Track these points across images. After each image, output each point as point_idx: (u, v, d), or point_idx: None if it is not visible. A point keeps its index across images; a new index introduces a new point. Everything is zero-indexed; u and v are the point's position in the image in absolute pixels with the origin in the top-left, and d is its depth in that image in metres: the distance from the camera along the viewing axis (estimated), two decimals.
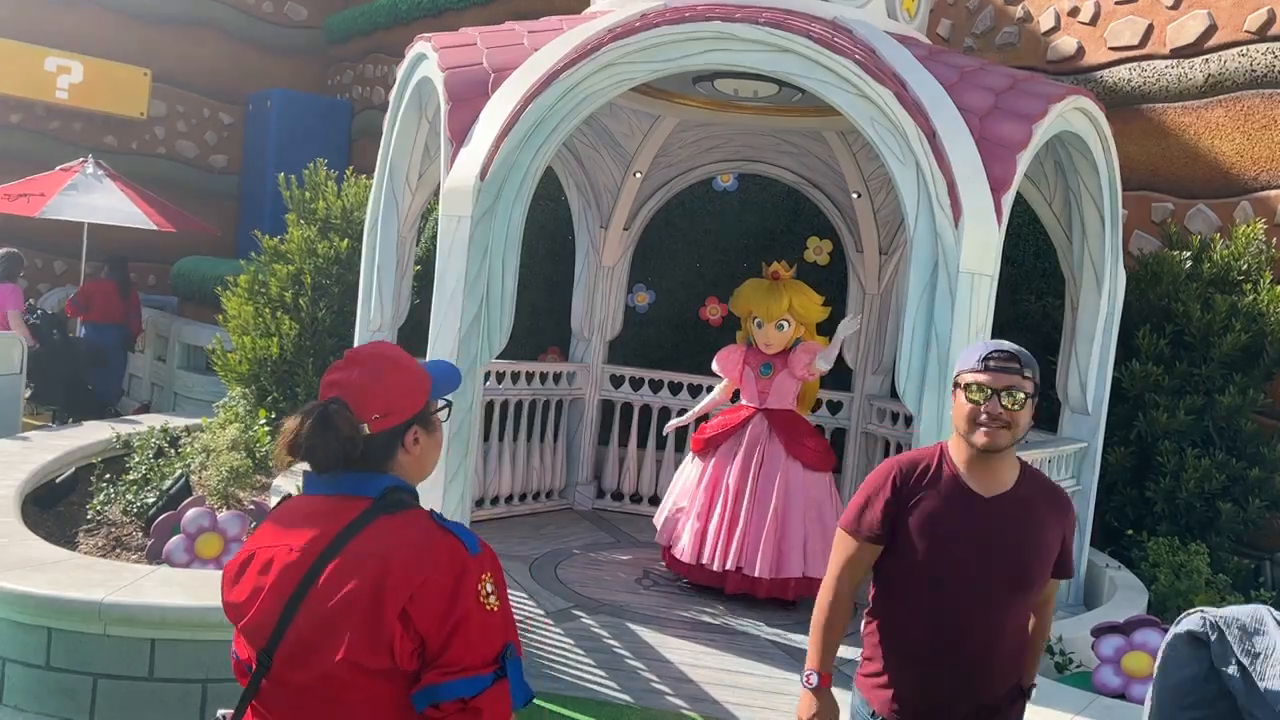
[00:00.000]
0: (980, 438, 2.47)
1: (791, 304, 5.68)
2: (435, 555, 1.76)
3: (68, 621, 3.65)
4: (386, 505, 1.81)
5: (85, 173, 9.82)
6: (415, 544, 1.76)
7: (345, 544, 1.76)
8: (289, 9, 15.01)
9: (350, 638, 1.70)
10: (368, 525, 1.78)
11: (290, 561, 1.78)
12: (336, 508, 1.82)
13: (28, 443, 6.11)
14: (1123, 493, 6.22)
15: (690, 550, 5.62)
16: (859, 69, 4.39)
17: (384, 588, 1.71)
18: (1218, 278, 6.32)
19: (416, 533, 1.78)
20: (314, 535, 1.79)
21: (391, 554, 1.74)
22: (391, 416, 1.86)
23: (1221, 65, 6.94)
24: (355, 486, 1.84)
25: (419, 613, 1.71)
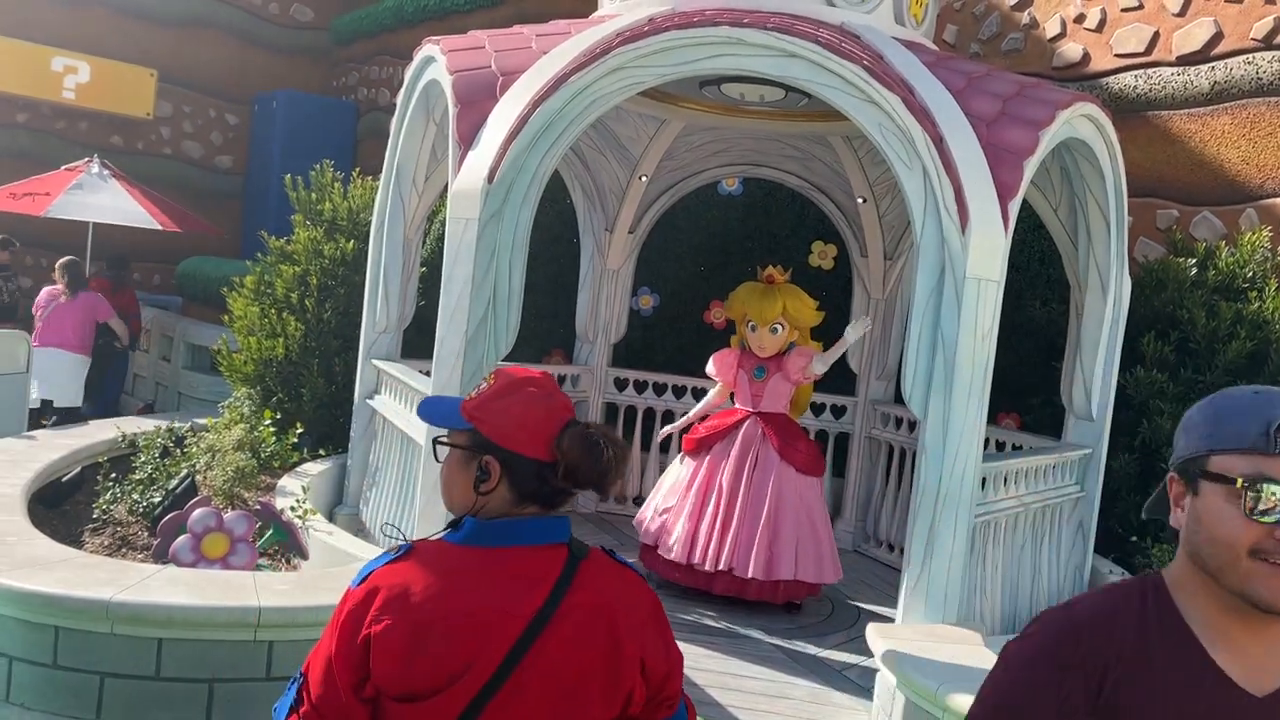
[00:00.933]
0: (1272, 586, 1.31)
1: (786, 308, 5.68)
2: (640, 596, 1.75)
3: (75, 620, 3.65)
4: (579, 551, 1.73)
5: (90, 172, 9.85)
6: (623, 587, 1.73)
7: (561, 599, 1.65)
8: (295, 10, 15.04)
9: (595, 696, 1.65)
10: (575, 576, 1.68)
11: (496, 625, 1.61)
12: (528, 559, 1.69)
13: (34, 441, 6.13)
14: (1127, 499, 6.22)
15: (681, 551, 5.57)
16: (866, 74, 4.40)
17: (619, 639, 1.67)
18: (1223, 285, 6.32)
19: (617, 575, 1.75)
20: (519, 593, 1.64)
21: (613, 603, 1.69)
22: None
23: (1227, 73, 6.95)
24: (542, 534, 1.72)
25: (649, 654, 1.72)
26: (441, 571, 1.66)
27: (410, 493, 5.13)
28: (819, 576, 5.56)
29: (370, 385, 6.08)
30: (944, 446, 4.29)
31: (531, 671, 1.60)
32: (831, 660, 5.10)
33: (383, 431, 5.86)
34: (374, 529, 5.69)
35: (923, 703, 3.67)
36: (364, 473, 6.08)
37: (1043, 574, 5.36)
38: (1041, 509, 5.26)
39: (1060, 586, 5.53)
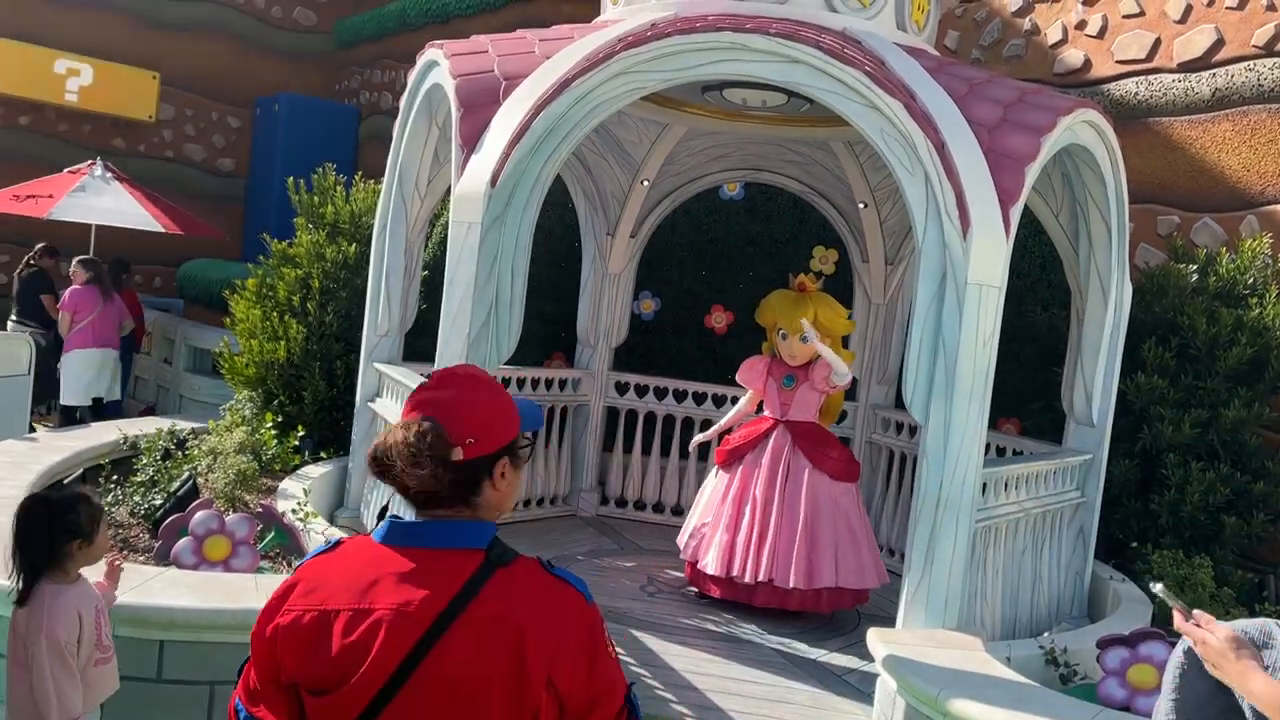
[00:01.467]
0: None
1: (817, 316, 5.65)
2: (564, 612, 1.64)
3: None
4: (499, 558, 1.65)
5: (94, 175, 9.86)
6: (546, 602, 1.63)
7: (464, 608, 1.59)
8: (298, 13, 15.07)
9: (493, 711, 1.57)
10: (486, 583, 1.61)
11: (395, 628, 1.58)
12: (438, 563, 1.64)
13: (36, 443, 6.14)
14: (1127, 505, 6.23)
15: (719, 564, 5.53)
16: (868, 80, 4.42)
17: (525, 656, 1.57)
18: (1223, 291, 6.33)
19: (542, 589, 1.65)
20: (422, 598, 1.59)
21: (525, 616, 1.60)
22: (485, 443, 1.69)
23: (1229, 80, 6.96)
24: (456, 538, 1.67)
25: (564, 679, 1.60)
26: (357, 568, 1.65)
27: None
28: (861, 582, 5.53)
29: (372, 388, 6.09)
30: (945, 452, 4.29)
31: (429, 676, 1.56)
32: (832, 665, 5.10)
33: None
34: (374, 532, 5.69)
35: (923, 707, 3.68)
36: (365, 476, 6.09)
37: (1043, 580, 5.36)
38: (1042, 515, 5.27)
39: (1060, 592, 5.53)
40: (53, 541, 2.55)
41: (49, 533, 2.59)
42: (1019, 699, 3.55)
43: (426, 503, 1.69)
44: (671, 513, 7.48)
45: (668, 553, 6.70)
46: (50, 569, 2.51)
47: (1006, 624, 5.07)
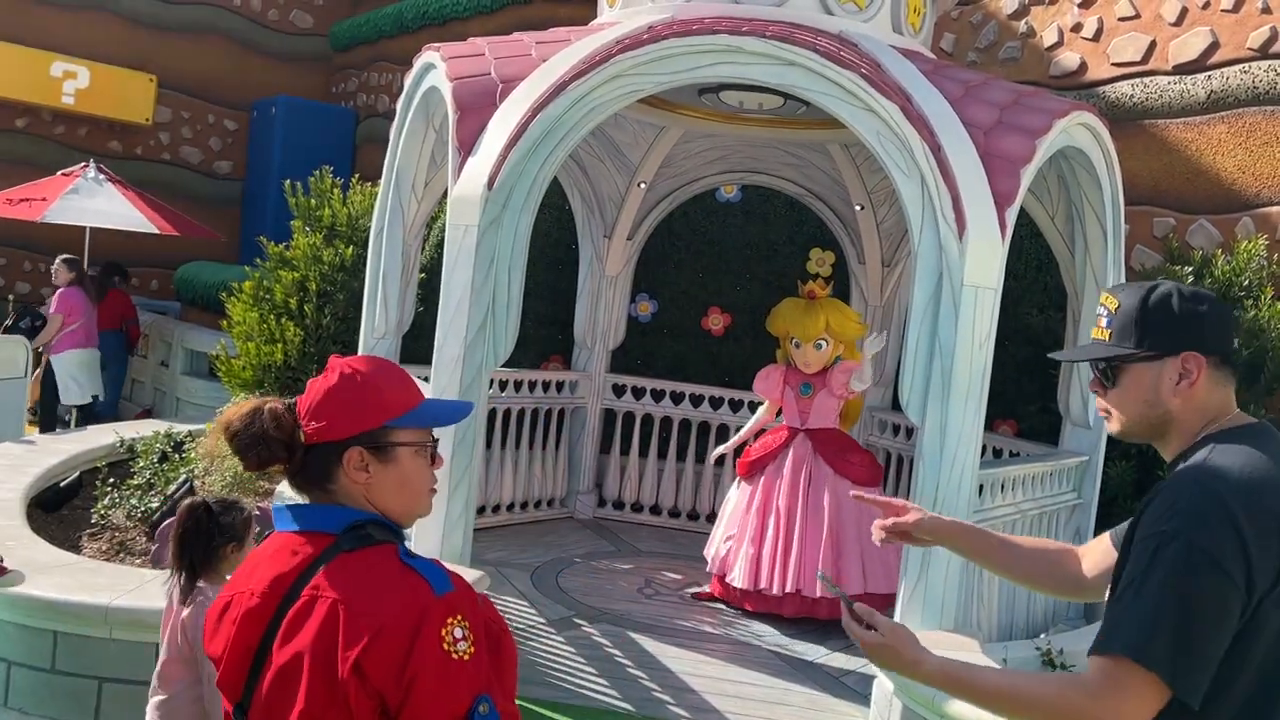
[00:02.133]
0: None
1: (829, 323, 5.63)
2: (391, 597, 1.52)
3: (74, 625, 3.66)
4: (348, 541, 1.60)
5: (87, 177, 9.85)
6: (370, 585, 1.54)
7: (303, 587, 1.56)
8: (294, 16, 15.07)
9: (306, 692, 1.50)
10: (326, 565, 1.57)
11: (252, 607, 1.59)
12: (300, 545, 1.62)
13: (33, 446, 6.13)
14: (1124, 506, 6.23)
15: (746, 576, 5.52)
16: (864, 83, 4.42)
17: (336, 636, 1.50)
18: (1219, 293, 6.34)
19: (373, 572, 1.56)
20: (275, 577, 1.59)
21: (345, 593, 1.53)
22: (327, 430, 1.66)
23: (1224, 82, 6.98)
24: (319, 521, 1.64)
25: (373, 665, 1.48)
26: (256, 554, 1.69)
27: None
28: (890, 586, 5.51)
29: None
30: (941, 453, 4.30)
31: (278, 663, 1.54)
32: (829, 666, 5.11)
33: None
34: None
35: (920, 709, 3.68)
36: None
37: None
38: (1039, 516, 5.27)
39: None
40: (210, 543, 2.70)
41: (208, 535, 2.73)
42: None
43: (293, 483, 1.70)
44: (669, 515, 7.49)
45: (665, 555, 6.71)
46: (205, 570, 2.66)
47: (1003, 626, 5.08)
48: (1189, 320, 1.77)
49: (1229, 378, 1.81)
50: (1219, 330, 1.80)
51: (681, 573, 6.39)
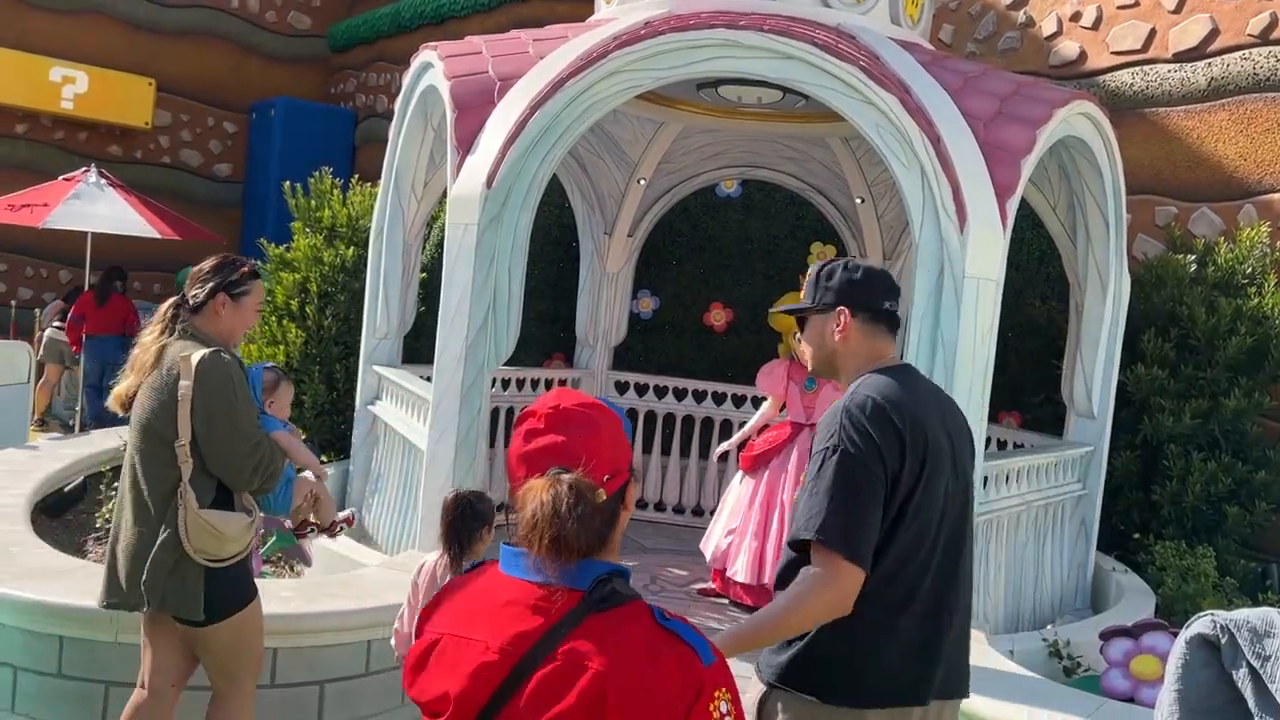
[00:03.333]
0: None
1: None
2: (664, 668, 1.44)
3: (79, 629, 3.65)
4: (600, 600, 1.48)
5: (88, 182, 9.82)
6: (639, 653, 1.44)
7: (554, 647, 1.45)
8: (292, 18, 15.06)
9: None
10: (579, 625, 1.46)
11: (486, 662, 1.47)
12: (541, 598, 1.50)
13: (36, 452, 6.12)
14: (1129, 496, 6.23)
15: (749, 571, 5.47)
16: (863, 75, 4.41)
17: (604, 707, 1.41)
18: (1222, 281, 6.32)
19: (640, 638, 1.46)
20: (516, 633, 1.48)
21: (611, 664, 1.42)
22: (620, 476, 1.56)
23: (1224, 69, 6.96)
24: (565, 574, 1.50)
25: None
26: (472, 594, 1.58)
27: (412, 498, 5.13)
28: None
29: (371, 391, 6.08)
30: None
31: (509, 711, 1.45)
32: None
33: (384, 438, 5.87)
34: (376, 535, 5.69)
35: None
36: (366, 479, 6.09)
37: (1045, 572, 5.35)
38: (1043, 507, 5.26)
39: (1063, 585, 5.53)
40: (472, 527, 3.20)
41: (471, 521, 3.21)
42: (1021, 692, 3.55)
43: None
44: (674, 511, 7.48)
45: (671, 551, 6.69)
46: (468, 550, 3.21)
47: (1009, 617, 5.07)
48: (843, 285, 2.40)
49: (881, 329, 2.42)
50: (866, 293, 2.40)
51: (687, 569, 6.38)
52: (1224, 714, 2.18)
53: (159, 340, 3.00)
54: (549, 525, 1.45)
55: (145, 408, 2.96)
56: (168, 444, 2.91)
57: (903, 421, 2.23)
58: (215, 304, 3.05)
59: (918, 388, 2.37)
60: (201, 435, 2.91)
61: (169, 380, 2.92)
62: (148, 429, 2.95)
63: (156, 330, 3.02)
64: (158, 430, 2.93)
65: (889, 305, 2.41)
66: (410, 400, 5.34)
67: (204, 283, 3.04)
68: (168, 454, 2.91)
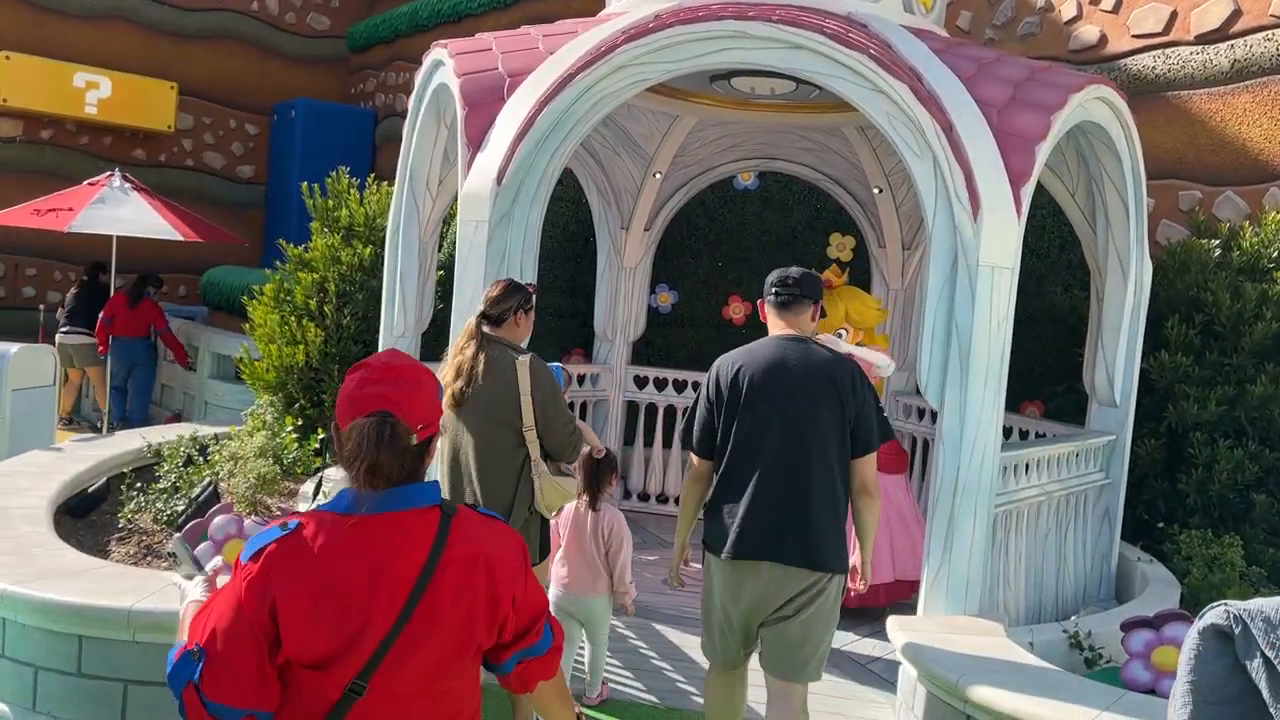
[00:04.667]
0: None
1: (848, 312, 5.57)
2: (509, 543, 1.97)
3: (98, 629, 3.69)
4: (449, 510, 1.93)
5: (112, 186, 9.91)
6: (496, 538, 1.95)
7: (442, 553, 1.85)
8: (311, 19, 15.14)
9: (478, 630, 1.88)
10: (450, 532, 1.89)
11: (386, 583, 1.80)
12: (407, 523, 1.86)
13: (60, 453, 6.19)
14: (1154, 485, 6.15)
15: None
16: (873, 63, 4.37)
17: (496, 581, 1.89)
18: (1247, 266, 6.22)
19: (488, 528, 1.96)
20: (404, 553, 1.83)
21: (489, 551, 1.91)
22: (431, 426, 1.94)
23: (1247, 50, 6.84)
24: (414, 499, 1.90)
25: (519, 593, 1.94)
26: (331, 541, 1.82)
27: None
28: (919, 572, 5.47)
29: None
30: (961, 436, 4.25)
31: (422, 621, 1.81)
32: (856, 654, 5.07)
33: None
34: None
35: (943, 695, 3.64)
36: None
37: (1068, 563, 5.30)
38: (1065, 497, 5.20)
39: (1087, 575, 5.46)
40: (605, 476, 4.25)
41: (606, 469, 4.22)
42: (1040, 684, 3.51)
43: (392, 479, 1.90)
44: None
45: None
46: (599, 494, 4.27)
47: (1031, 609, 5.01)
48: (817, 284, 3.56)
49: (780, 311, 3.52)
50: (767, 286, 3.54)
51: None
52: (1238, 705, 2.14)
53: (476, 349, 3.68)
54: (369, 454, 1.83)
55: (492, 403, 3.64)
56: (514, 429, 3.64)
57: (721, 372, 3.38)
58: (515, 318, 3.79)
59: (752, 349, 3.39)
60: (540, 420, 3.65)
61: (508, 379, 3.64)
62: (495, 418, 3.65)
63: (473, 343, 3.70)
64: (506, 419, 3.64)
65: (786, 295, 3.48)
66: None
67: (503, 302, 3.77)
68: (514, 437, 3.64)
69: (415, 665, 1.81)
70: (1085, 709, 3.32)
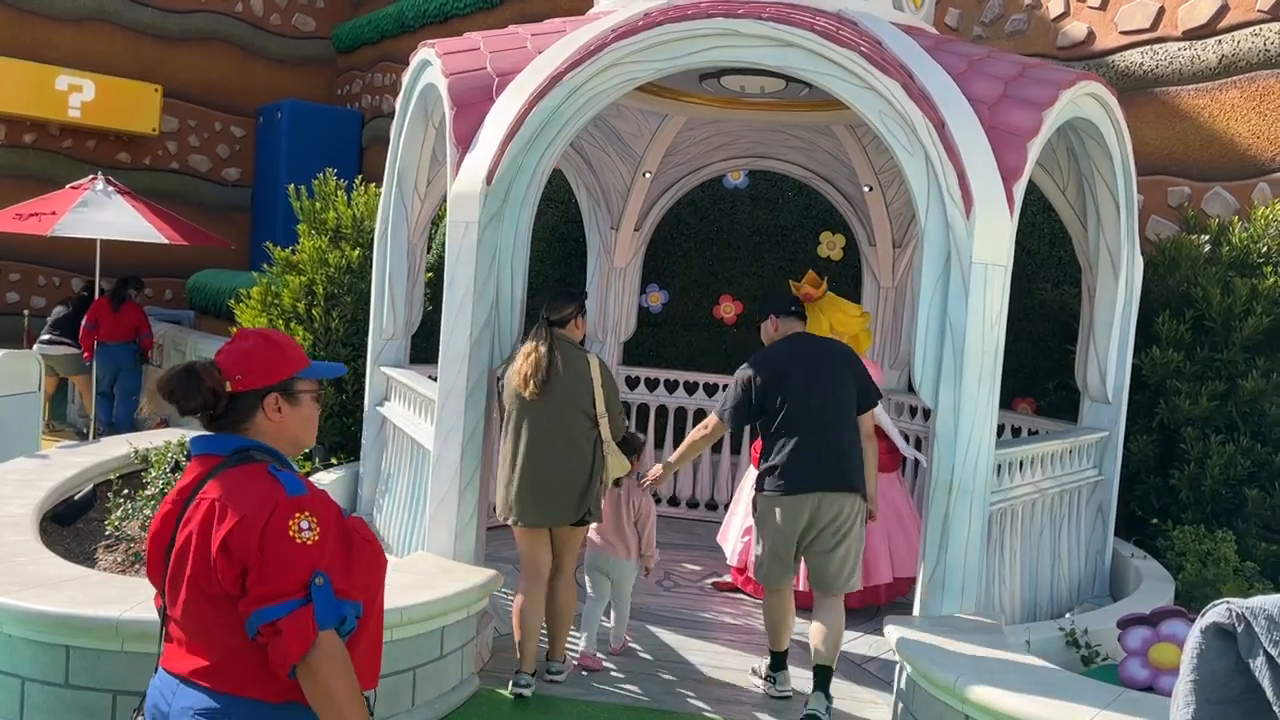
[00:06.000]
0: None
1: (832, 325, 5.55)
2: (252, 495, 2.02)
3: (85, 639, 3.63)
4: (233, 459, 2.09)
5: (95, 189, 9.81)
6: (244, 487, 2.04)
7: (195, 494, 2.07)
8: (297, 20, 15.06)
9: (191, 569, 2.01)
10: (215, 477, 2.07)
11: (164, 513, 2.11)
12: (198, 465, 2.13)
13: (47, 460, 6.12)
14: (1147, 481, 6.14)
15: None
16: (864, 61, 4.34)
17: (210, 524, 2.00)
18: (1237, 261, 6.22)
19: (248, 479, 2.05)
20: (182, 487, 2.11)
21: (224, 496, 2.02)
22: (250, 379, 2.13)
23: (1235, 46, 6.85)
24: (215, 446, 2.13)
25: (237, 545, 1.97)
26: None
27: (422, 499, 5.10)
28: (916, 569, 5.49)
29: (380, 393, 6.06)
30: (956, 435, 4.23)
31: (176, 558, 2.06)
32: (852, 654, 5.05)
33: (394, 439, 5.84)
34: (387, 535, 5.67)
35: (939, 694, 3.62)
36: (376, 480, 6.06)
37: (1063, 560, 5.29)
38: (1059, 494, 5.19)
39: (1081, 572, 5.46)
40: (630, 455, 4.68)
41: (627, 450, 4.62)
42: (1037, 683, 3.49)
43: (211, 424, 2.16)
44: (687, 505, 7.44)
45: (684, 546, 6.66)
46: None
47: (1027, 606, 5.00)
48: (767, 301, 4.58)
49: (791, 319, 4.49)
50: (776, 304, 4.52)
51: (701, 564, 6.34)
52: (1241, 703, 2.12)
53: (550, 348, 4.31)
54: (165, 384, 2.11)
55: (569, 392, 4.29)
56: (587, 414, 4.31)
57: (758, 365, 4.35)
58: (576, 320, 4.46)
59: (775, 347, 4.41)
60: (606, 405, 4.35)
61: (582, 372, 4.32)
62: (574, 405, 4.30)
63: (543, 343, 4.32)
64: (581, 405, 4.31)
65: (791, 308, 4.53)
66: (417, 401, 5.31)
67: (565, 308, 4.42)
68: (587, 420, 4.32)
69: (174, 588, 2.05)
70: (1083, 707, 3.31)
